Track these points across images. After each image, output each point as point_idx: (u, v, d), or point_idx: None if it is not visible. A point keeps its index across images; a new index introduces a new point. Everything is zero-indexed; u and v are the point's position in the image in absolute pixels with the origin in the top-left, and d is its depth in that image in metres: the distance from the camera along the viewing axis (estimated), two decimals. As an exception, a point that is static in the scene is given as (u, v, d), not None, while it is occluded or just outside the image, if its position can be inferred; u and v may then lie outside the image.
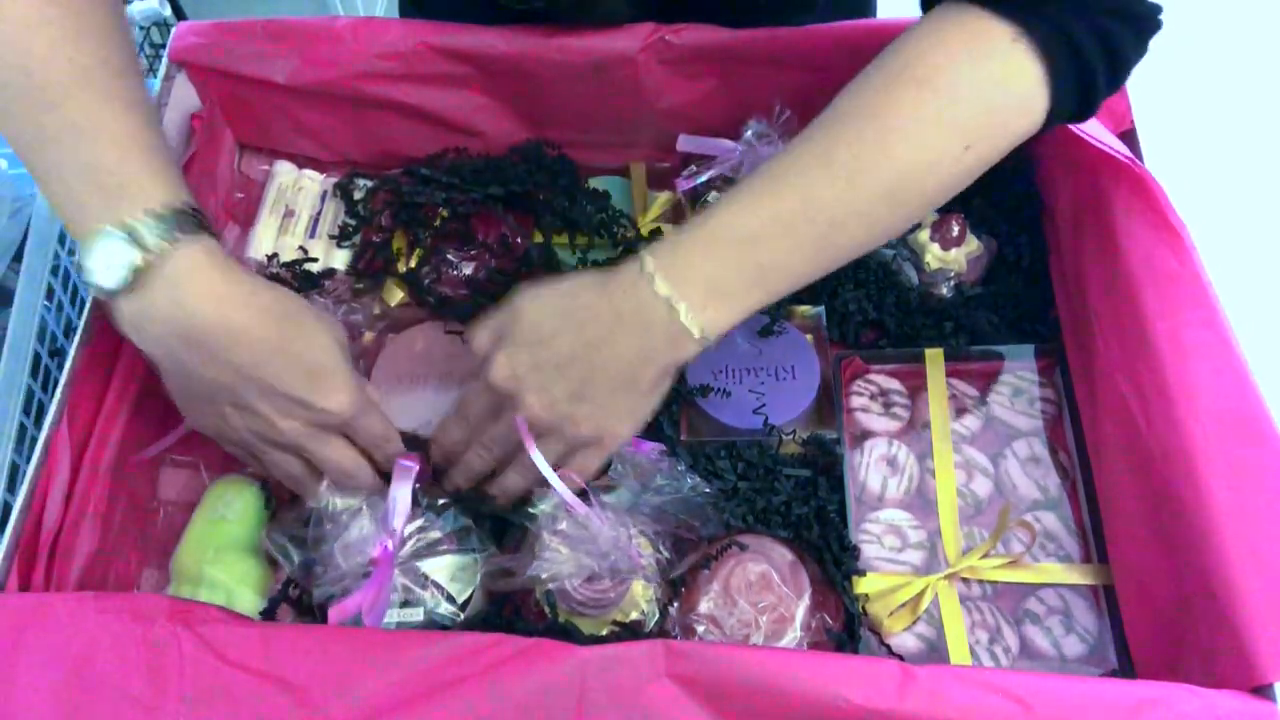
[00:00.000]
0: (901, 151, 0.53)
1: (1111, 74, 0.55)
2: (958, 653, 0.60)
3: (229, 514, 0.65)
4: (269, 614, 0.61)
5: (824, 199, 0.54)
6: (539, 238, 0.76)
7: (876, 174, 0.53)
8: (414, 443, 0.65)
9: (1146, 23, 0.55)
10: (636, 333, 0.55)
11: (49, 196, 0.54)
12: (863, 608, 0.61)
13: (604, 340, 0.55)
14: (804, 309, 0.73)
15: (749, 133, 0.72)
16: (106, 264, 0.51)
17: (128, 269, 0.51)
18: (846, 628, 0.60)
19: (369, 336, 0.75)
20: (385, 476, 0.61)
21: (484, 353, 0.58)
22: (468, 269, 0.75)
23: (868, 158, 0.53)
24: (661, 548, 0.60)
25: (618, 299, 0.55)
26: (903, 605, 0.61)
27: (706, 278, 0.54)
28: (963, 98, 0.54)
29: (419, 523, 0.60)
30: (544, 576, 0.57)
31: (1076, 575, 0.62)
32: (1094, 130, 0.63)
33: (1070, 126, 0.63)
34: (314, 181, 0.80)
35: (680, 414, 0.69)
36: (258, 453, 0.59)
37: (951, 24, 0.55)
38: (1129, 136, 0.65)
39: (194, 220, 0.54)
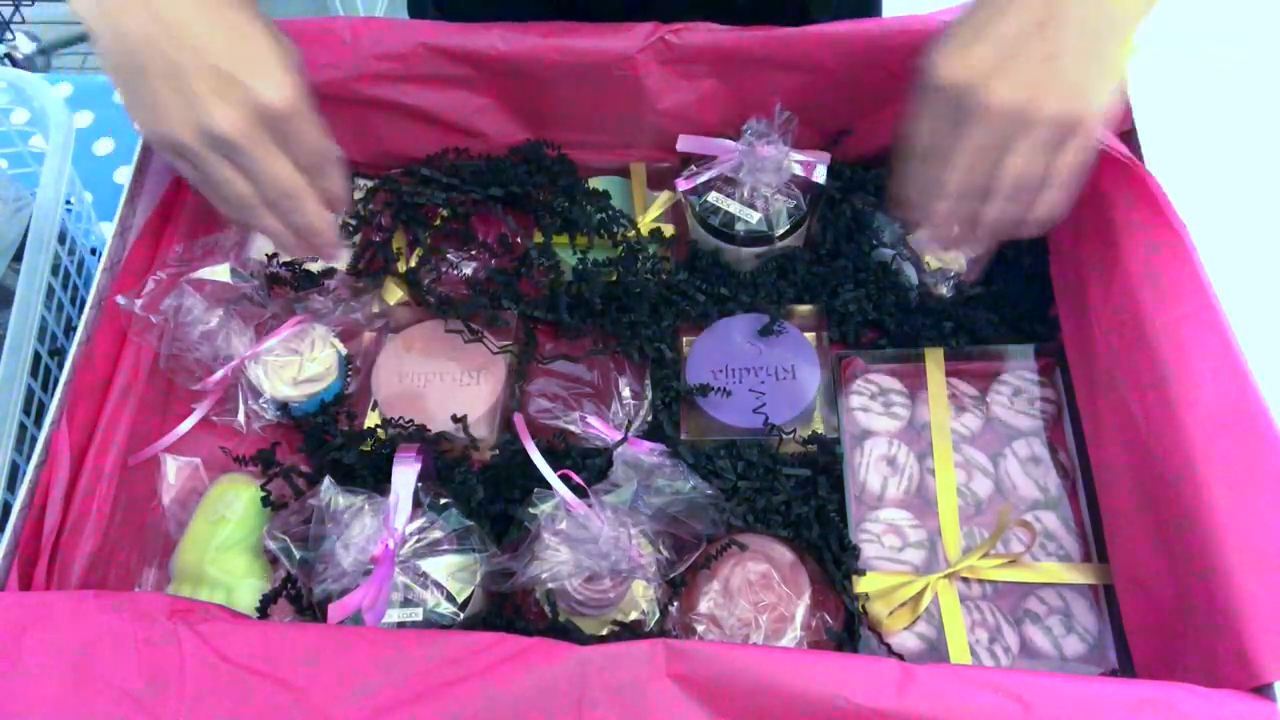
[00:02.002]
0: None
1: None
2: (958, 652, 0.60)
3: (229, 514, 0.65)
4: (264, 609, 0.61)
5: None
6: (539, 238, 0.76)
7: None
8: (414, 436, 0.65)
9: None
10: None
11: None
12: (863, 607, 0.61)
13: None
14: (804, 309, 0.73)
15: (749, 133, 0.72)
16: None
17: None
18: (846, 627, 0.60)
19: (369, 336, 0.75)
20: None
21: (930, 52, 0.50)
22: (468, 269, 0.75)
23: None
24: (661, 548, 0.60)
25: None
26: (903, 604, 0.61)
27: None
28: None
29: (420, 522, 0.60)
30: (544, 576, 0.57)
31: (1076, 575, 0.62)
32: (1094, 130, 0.63)
33: None
34: (314, 181, 0.80)
35: (680, 414, 0.69)
36: (198, 160, 0.52)
37: None
38: (1129, 136, 0.65)
39: None
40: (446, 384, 0.70)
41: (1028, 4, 0.48)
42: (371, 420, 0.71)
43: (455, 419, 0.66)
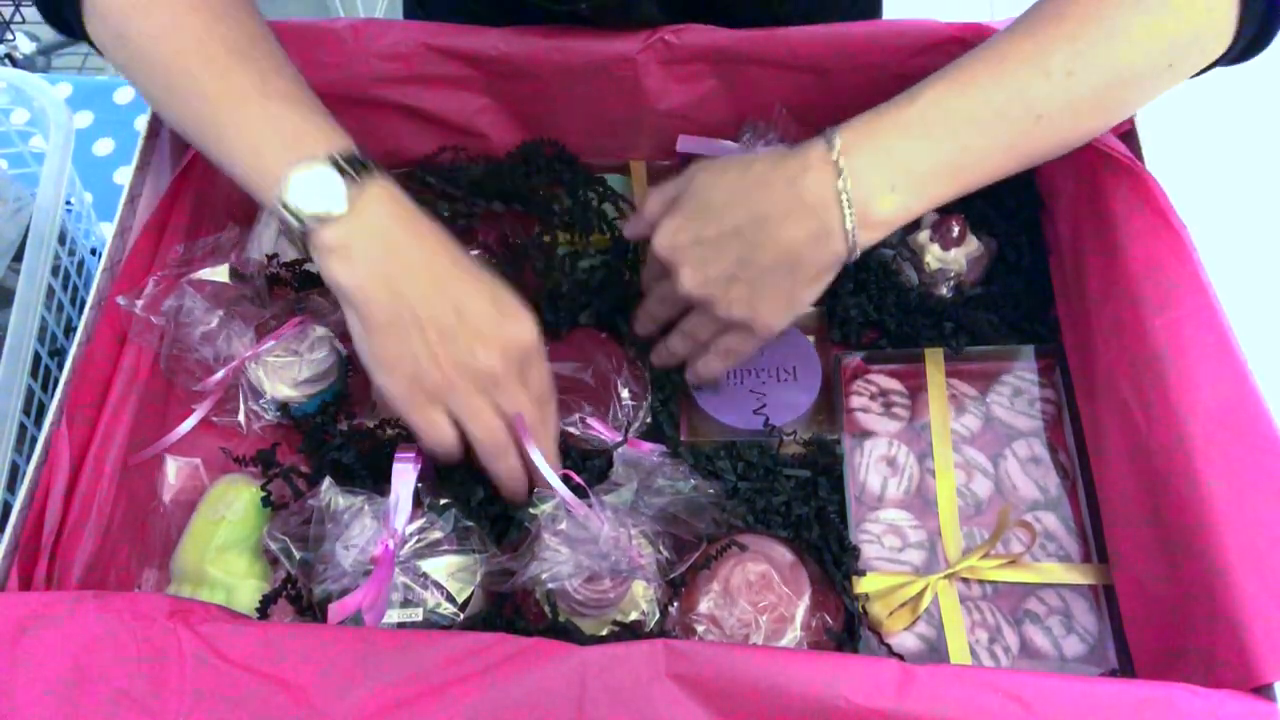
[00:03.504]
0: (1119, 56, 0.54)
1: None
2: (958, 652, 0.60)
3: (229, 514, 0.65)
4: (264, 609, 0.61)
5: (1038, 93, 0.54)
6: (543, 236, 0.76)
7: (1093, 74, 0.54)
8: (412, 436, 0.65)
9: None
10: (807, 217, 0.54)
11: (229, 161, 0.57)
12: (863, 607, 0.61)
13: (770, 218, 0.55)
14: (804, 309, 0.73)
15: (749, 133, 0.72)
16: (321, 192, 0.53)
17: (343, 192, 0.53)
18: (846, 627, 0.60)
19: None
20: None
21: (653, 218, 0.59)
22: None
23: (1086, 58, 0.54)
24: (661, 548, 0.60)
25: (795, 174, 0.54)
26: (903, 605, 0.61)
27: (902, 161, 0.54)
28: (1179, 15, 0.54)
29: (420, 522, 0.60)
30: (544, 576, 0.57)
31: (1076, 575, 0.62)
32: (1094, 130, 0.63)
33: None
34: (314, 181, 0.80)
35: (680, 414, 0.69)
36: (459, 397, 0.56)
37: None
38: (1129, 136, 0.65)
39: (370, 162, 0.56)
40: None
41: (736, 234, 0.56)
42: (370, 421, 0.71)
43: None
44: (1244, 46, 0.57)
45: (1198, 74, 0.58)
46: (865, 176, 0.54)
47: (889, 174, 0.54)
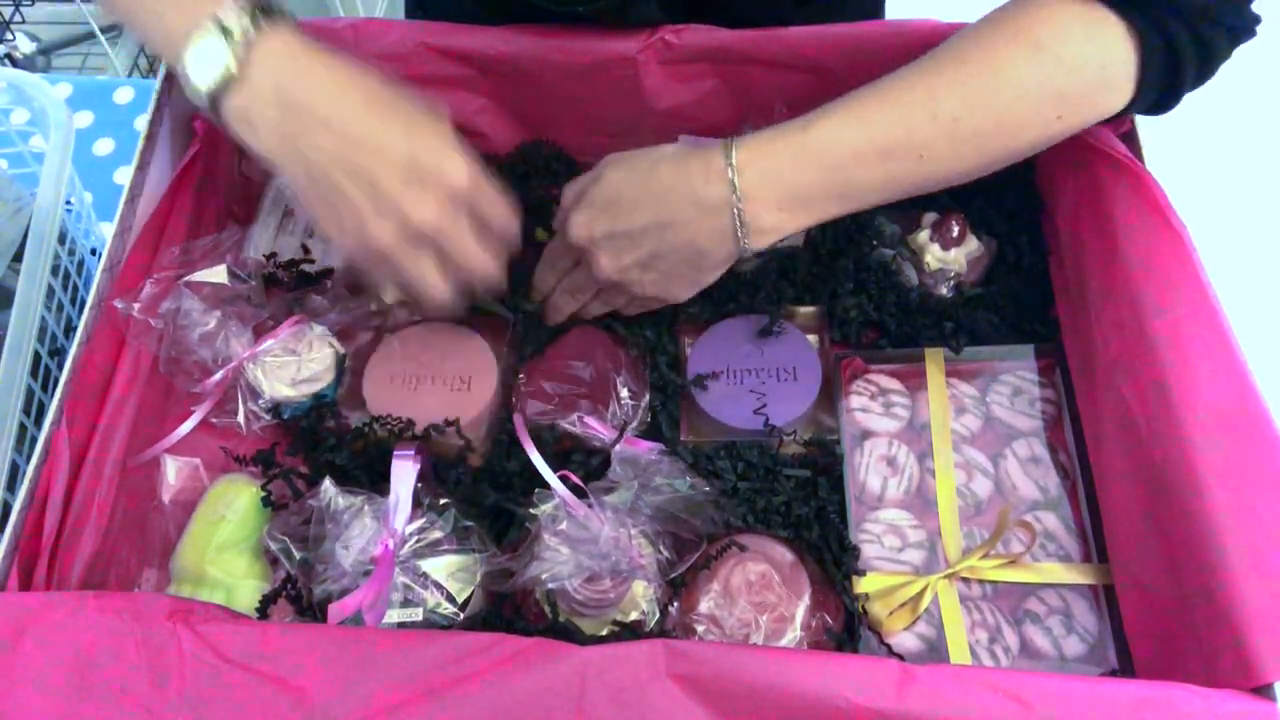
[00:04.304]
0: (1006, 105, 0.57)
1: (1198, 78, 0.58)
2: (958, 652, 0.60)
3: (229, 514, 0.65)
4: (264, 609, 0.61)
5: (923, 135, 0.57)
6: (542, 235, 0.76)
7: (977, 122, 0.57)
8: (414, 438, 0.65)
9: (1244, 33, 0.57)
10: (707, 220, 0.59)
11: (138, 31, 0.55)
12: (863, 607, 0.61)
13: (675, 223, 0.59)
14: (804, 309, 0.73)
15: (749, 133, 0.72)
16: (202, 65, 0.51)
17: (223, 63, 0.51)
18: (846, 627, 0.60)
19: (364, 335, 0.75)
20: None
21: (567, 207, 0.63)
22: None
23: (974, 104, 0.56)
24: (661, 548, 0.60)
25: (696, 183, 0.58)
26: (903, 605, 0.61)
27: (789, 185, 0.58)
28: (1070, 69, 0.56)
29: (420, 522, 0.60)
30: (544, 576, 0.57)
31: (1076, 575, 0.62)
32: (1094, 131, 0.63)
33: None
34: (314, 181, 0.80)
35: (680, 414, 0.69)
36: (401, 258, 0.55)
37: (1064, 1, 0.57)
38: (1129, 136, 0.65)
39: (271, 7, 0.53)
40: (438, 388, 0.70)
41: (644, 231, 0.60)
42: (359, 420, 0.71)
43: (447, 423, 0.66)
44: (1154, 102, 0.59)
45: (1105, 122, 0.61)
46: (755, 193, 0.58)
47: (777, 194, 0.58)
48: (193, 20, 0.51)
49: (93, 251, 0.84)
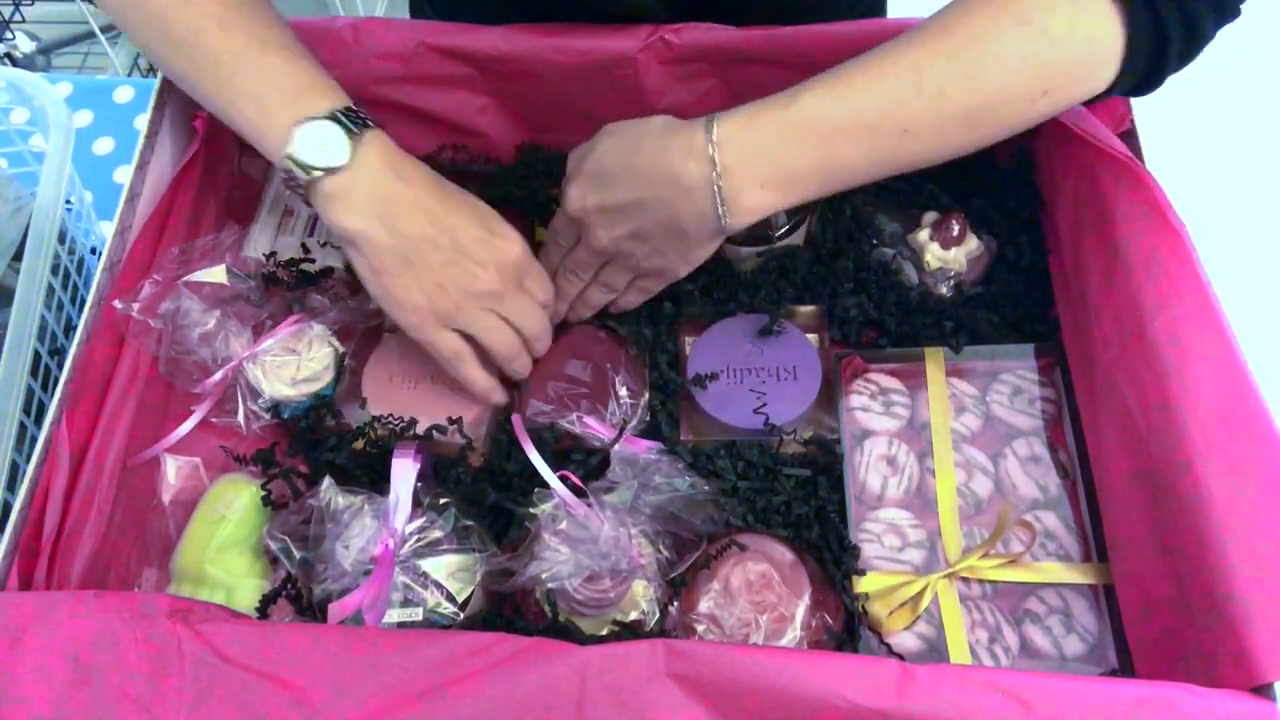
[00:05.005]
0: (992, 79, 0.56)
1: (1182, 57, 0.57)
2: (957, 652, 0.60)
3: (229, 513, 0.65)
4: (264, 609, 0.61)
5: (909, 109, 0.56)
6: (541, 235, 0.76)
7: (962, 97, 0.56)
8: (414, 438, 0.65)
9: (1229, 14, 0.56)
10: (686, 199, 0.58)
11: (231, 114, 0.61)
12: (862, 607, 0.61)
13: (655, 200, 0.59)
14: (804, 309, 0.73)
15: (749, 132, 0.72)
16: (323, 144, 0.58)
17: (341, 148, 0.58)
18: (846, 627, 0.60)
19: (363, 334, 0.75)
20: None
21: (569, 176, 0.64)
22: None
23: (959, 78, 0.56)
24: (661, 547, 0.60)
25: (675, 160, 0.58)
26: (903, 604, 0.61)
27: (772, 161, 0.57)
28: (1056, 42, 0.55)
29: (420, 522, 0.60)
30: (544, 576, 0.57)
31: (1076, 575, 0.62)
32: (1094, 130, 0.63)
33: (1070, 126, 0.63)
34: (314, 181, 0.80)
35: (680, 414, 0.69)
36: (472, 320, 0.63)
37: None
38: (1129, 136, 0.65)
39: (364, 116, 0.61)
40: (436, 387, 0.70)
41: (631, 205, 0.60)
42: (359, 420, 0.71)
43: (449, 422, 0.66)
44: (1137, 82, 0.58)
45: (1089, 103, 0.60)
46: (737, 172, 0.57)
47: (759, 172, 0.57)
48: (304, 109, 0.59)
49: (93, 251, 0.84)
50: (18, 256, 0.73)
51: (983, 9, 0.56)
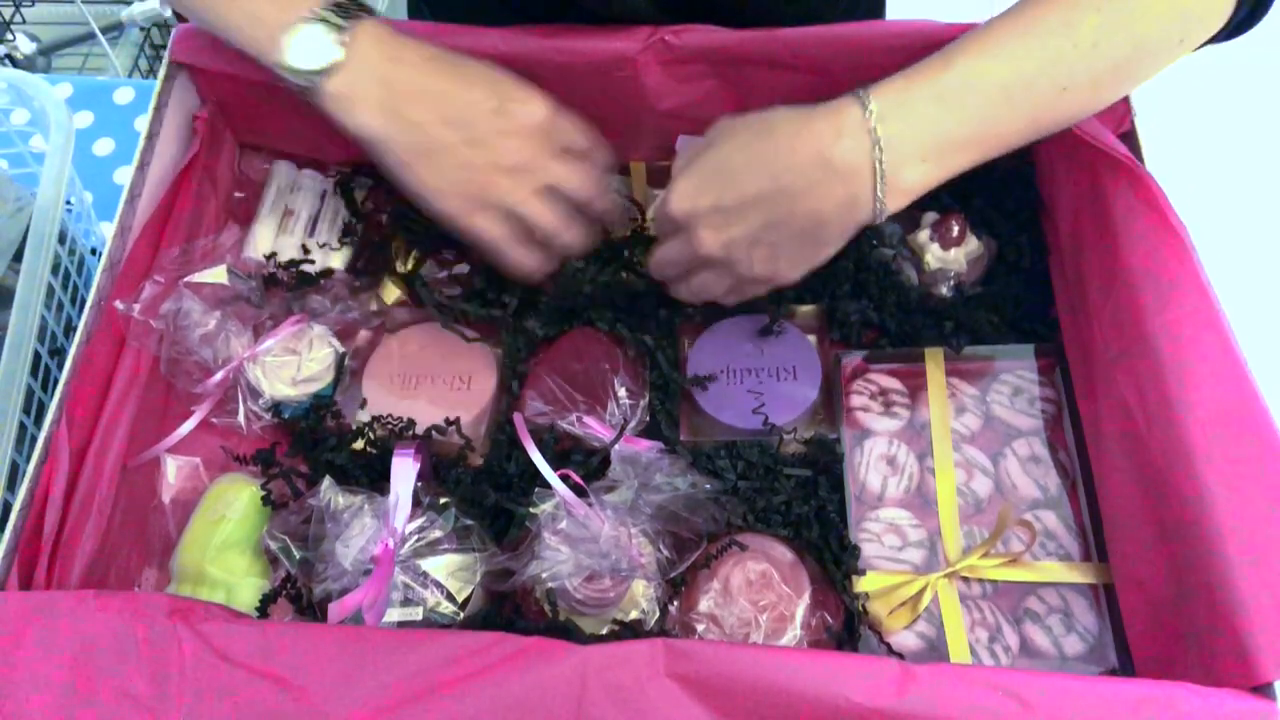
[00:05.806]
0: (1143, 29, 0.54)
1: None
2: (958, 651, 0.60)
3: (229, 513, 0.65)
4: (264, 609, 0.61)
5: (1066, 64, 0.54)
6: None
7: (1116, 47, 0.54)
8: (414, 438, 0.65)
9: None
10: (836, 183, 0.54)
11: (229, 28, 0.60)
12: (863, 606, 0.61)
13: (796, 188, 0.55)
14: (804, 309, 0.73)
15: (749, 133, 0.72)
16: (310, 49, 0.58)
17: (331, 48, 0.57)
18: (846, 626, 0.60)
19: (364, 335, 0.75)
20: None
21: (674, 177, 0.60)
22: (464, 269, 0.75)
23: (1113, 28, 0.54)
24: (661, 547, 0.60)
25: (825, 142, 0.54)
26: (903, 604, 0.61)
27: (936, 129, 0.54)
28: None
29: (420, 521, 0.60)
30: (544, 575, 0.57)
31: (1076, 574, 0.62)
32: (1094, 130, 0.63)
33: (1070, 126, 0.63)
34: (314, 181, 0.80)
35: (680, 414, 0.69)
36: (496, 187, 0.60)
37: None
38: (1129, 136, 0.65)
39: (357, 5, 0.60)
40: (437, 387, 0.70)
41: (758, 201, 0.56)
42: (359, 420, 0.71)
43: (448, 422, 0.66)
44: (1237, 23, 0.57)
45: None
46: (900, 145, 0.53)
47: (922, 143, 0.54)
48: (292, 14, 0.58)
49: (93, 251, 0.84)
50: (18, 257, 0.73)
51: None
